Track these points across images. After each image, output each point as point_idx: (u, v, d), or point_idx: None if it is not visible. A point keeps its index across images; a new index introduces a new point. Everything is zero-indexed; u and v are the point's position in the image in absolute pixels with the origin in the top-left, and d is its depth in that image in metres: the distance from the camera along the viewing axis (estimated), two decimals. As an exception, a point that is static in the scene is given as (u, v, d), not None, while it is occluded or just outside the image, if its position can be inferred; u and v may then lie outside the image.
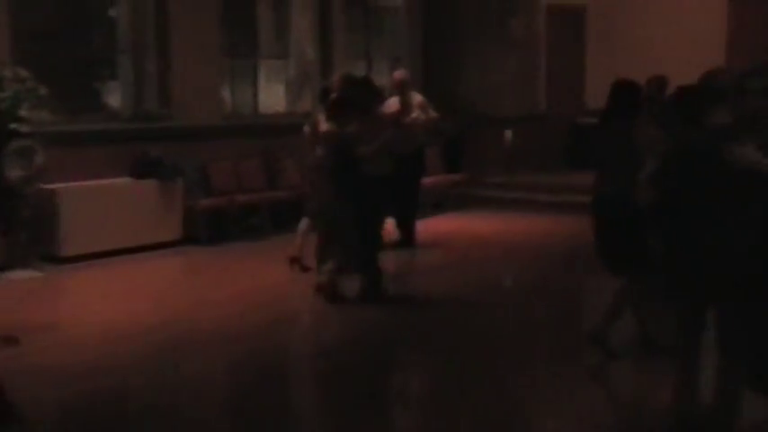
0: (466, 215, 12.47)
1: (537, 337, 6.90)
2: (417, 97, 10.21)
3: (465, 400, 5.40)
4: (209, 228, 10.51)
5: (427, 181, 11.34)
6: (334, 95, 7.86)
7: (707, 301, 4.63)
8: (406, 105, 9.94)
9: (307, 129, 8.29)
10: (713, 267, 4.50)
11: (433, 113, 10.23)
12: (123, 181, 10.06)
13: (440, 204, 12.74)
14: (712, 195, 4.48)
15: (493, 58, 14.10)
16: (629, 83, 6.09)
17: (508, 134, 13.86)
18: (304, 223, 8.62)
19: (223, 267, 9.38)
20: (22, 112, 7.46)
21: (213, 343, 6.64)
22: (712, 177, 4.48)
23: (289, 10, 12.54)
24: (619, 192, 5.75)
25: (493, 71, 14.10)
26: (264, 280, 8.62)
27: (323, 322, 7.35)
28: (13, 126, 7.33)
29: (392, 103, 9.80)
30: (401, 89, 10.06)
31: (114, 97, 10.86)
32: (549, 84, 14.91)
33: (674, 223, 4.68)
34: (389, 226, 9.80)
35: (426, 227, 10.70)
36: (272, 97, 12.43)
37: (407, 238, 10.10)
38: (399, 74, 10.40)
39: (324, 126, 7.80)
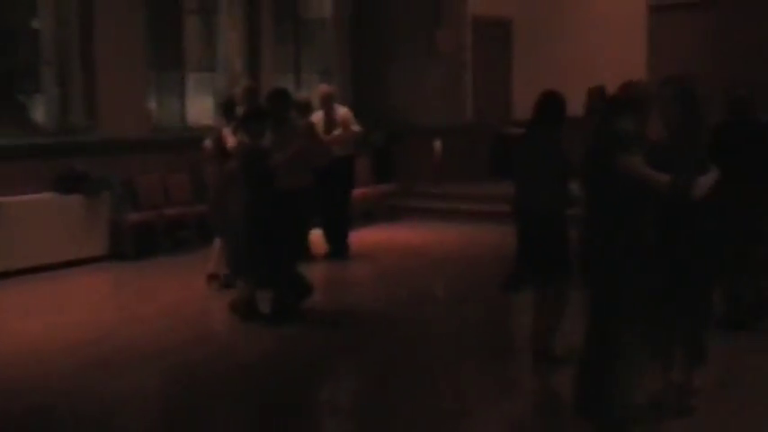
0: (396, 226, 12.55)
1: (463, 347, 6.96)
2: (342, 111, 10.27)
3: (391, 414, 5.43)
4: (136, 242, 10.39)
5: (357, 192, 11.38)
6: (241, 108, 7.86)
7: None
8: (329, 120, 10.02)
9: (208, 143, 8.24)
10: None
11: (356, 128, 10.31)
12: (48, 196, 9.90)
13: (370, 215, 12.80)
14: (602, 201, 4.80)
15: (420, 70, 14.24)
16: (554, 94, 6.13)
17: (437, 145, 13.98)
18: (218, 240, 8.53)
19: (150, 282, 9.29)
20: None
21: (139, 359, 6.56)
22: (603, 184, 4.77)
23: (217, 22, 12.48)
24: (542, 202, 5.92)
25: (421, 82, 14.24)
26: (192, 294, 8.56)
27: (245, 338, 7.22)
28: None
29: (316, 117, 9.83)
30: (326, 103, 10.11)
31: (38, 110, 10.69)
32: (476, 95, 15.09)
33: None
34: (316, 238, 9.82)
35: (357, 238, 10.73)
36: (200, 110, 12.35)
37: (340, 250, 10.12)
38: (324, 88, 10.48)
39: (232, 139, 7.76)
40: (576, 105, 6.81)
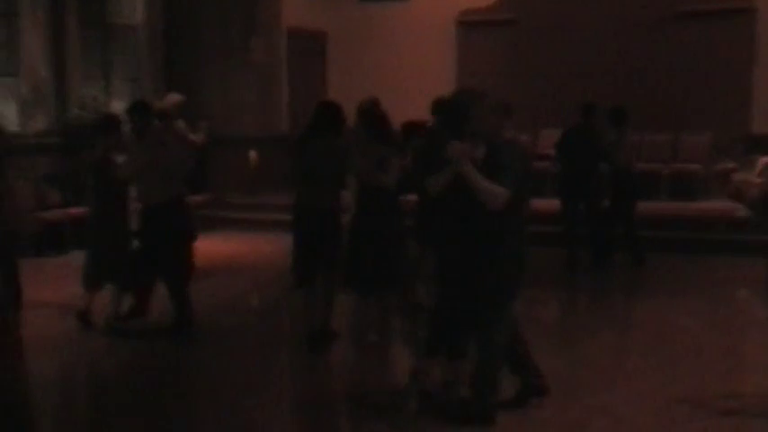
0: (210, 237, 12.38)
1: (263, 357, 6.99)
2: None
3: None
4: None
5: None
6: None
7: None
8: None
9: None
10: None
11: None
12: None
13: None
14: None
15: (235, 79, 14.17)
16: (331, 103, 6.91)
17: (253, 155, 13.94)
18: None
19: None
20: None
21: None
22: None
23: (19, 26, 11.95)
24: (323, 201, 6.66)
25: (235, 91, 14.17)
26: None
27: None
28: None
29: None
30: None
31: None
32: (292, 105, 15.16)
33: None
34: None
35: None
36: (3, 116, 11.79)
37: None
38: (176, 98, 9.87)
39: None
40: (390, 116, 7.00)
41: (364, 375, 6.36)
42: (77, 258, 8.02)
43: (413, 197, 7.14)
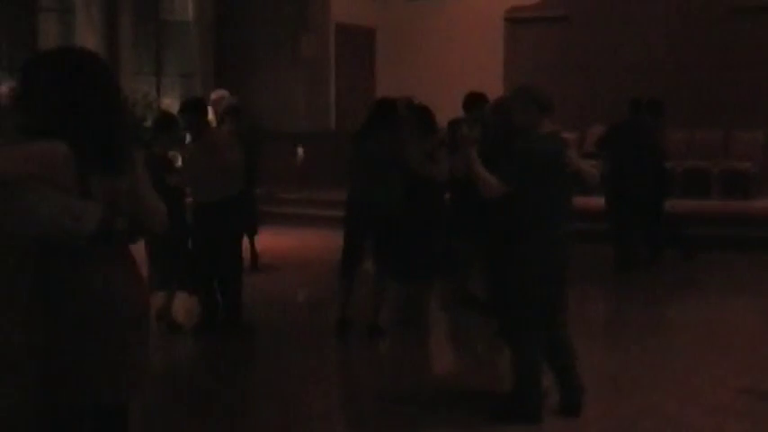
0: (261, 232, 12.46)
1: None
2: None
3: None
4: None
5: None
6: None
7: None
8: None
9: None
10: None
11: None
12: None
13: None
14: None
15: (284, 75, 14.28)
16: (386, 100, 7.03)
17: (300, 151, 14.03)
18: None
19: None
20: None
21: None
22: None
23: (73, 23, 12.18)
24: (378, 199, 6.73)
25: (284, 88, 14.28)
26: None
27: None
28: None
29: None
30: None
31: None
32: (340, 102, 15.24)
33: None
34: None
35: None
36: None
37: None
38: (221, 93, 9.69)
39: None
40: (438, 113, 7.07)
41: (411, 370, 6.40)
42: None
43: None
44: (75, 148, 2.84)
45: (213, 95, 9.63)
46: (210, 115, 8.91)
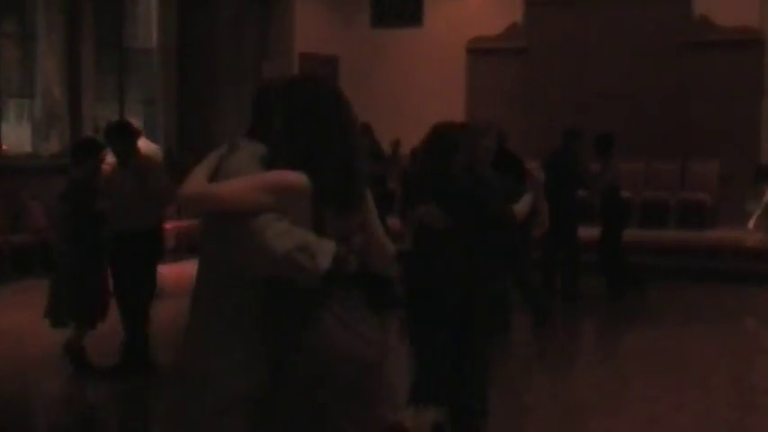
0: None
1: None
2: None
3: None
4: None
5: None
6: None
7: None
8: None
9: None
10: None
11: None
12: None
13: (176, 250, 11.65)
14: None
15: (248, 102, 14.22)
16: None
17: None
18: None
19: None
20: None
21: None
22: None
23: (35, 49, 12.09)
24: None
25: (248, 114, 14.22)
26: (4, 326, 8.22)
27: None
28: None
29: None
30: None
31: None
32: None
33: None
34: None
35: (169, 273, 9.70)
36: (18, 137, 11.94)
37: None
38: None
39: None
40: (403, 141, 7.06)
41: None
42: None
43: None
44: (314, 181, 2.70)
45: None
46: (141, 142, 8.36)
